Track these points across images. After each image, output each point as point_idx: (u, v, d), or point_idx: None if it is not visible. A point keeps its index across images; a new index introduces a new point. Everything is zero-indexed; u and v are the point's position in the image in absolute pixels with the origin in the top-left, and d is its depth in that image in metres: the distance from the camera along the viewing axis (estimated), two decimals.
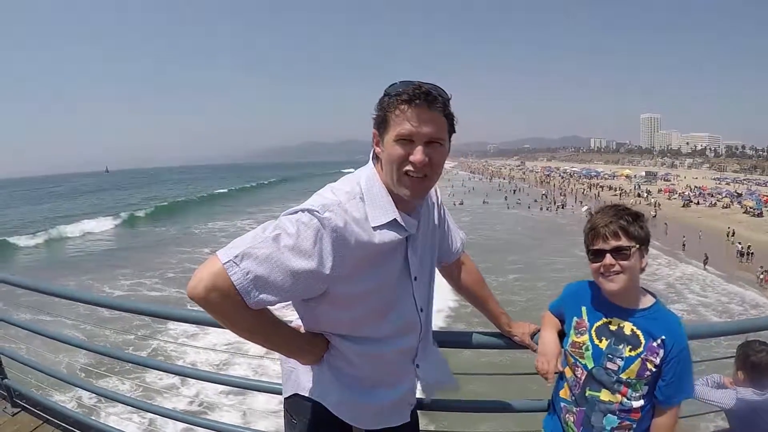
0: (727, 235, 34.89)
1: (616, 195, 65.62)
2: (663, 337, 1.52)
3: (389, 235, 1.32)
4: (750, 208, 46.93)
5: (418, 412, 1.75)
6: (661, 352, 1.52)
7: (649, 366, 1.52)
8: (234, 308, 1.18)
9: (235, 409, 9.56)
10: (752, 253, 29.00)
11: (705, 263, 27.07)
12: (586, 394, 1.60)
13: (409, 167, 1.27)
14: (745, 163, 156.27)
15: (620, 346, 1.55)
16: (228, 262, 1.15)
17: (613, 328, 1.58)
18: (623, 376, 1.54)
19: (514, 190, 74.82)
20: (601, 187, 78.00)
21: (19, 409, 3.11)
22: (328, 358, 1.45)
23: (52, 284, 2.88)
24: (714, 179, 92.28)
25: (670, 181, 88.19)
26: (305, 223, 1.21)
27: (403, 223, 1.34)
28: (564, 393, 1.69)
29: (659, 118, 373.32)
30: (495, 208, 52.37)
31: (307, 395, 1.48)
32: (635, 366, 1.53)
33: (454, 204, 53.27)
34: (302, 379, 1.49)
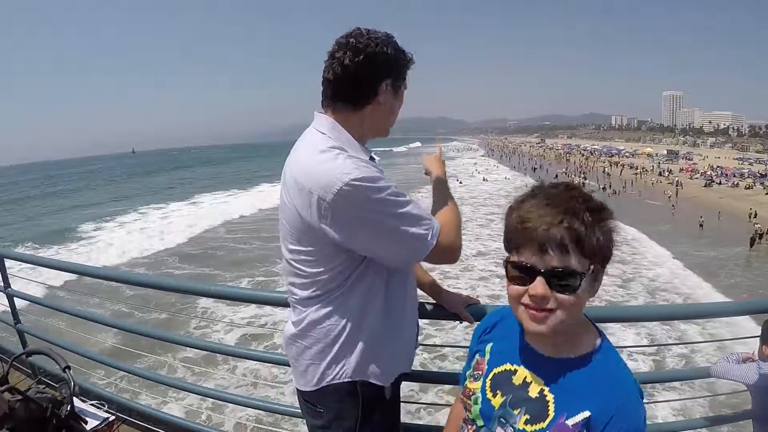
0: (749, 216, 34.06)
1: (636, 173, 64.51)
2: (587, 413, 0.90)
3: None
4: None
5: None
6: None
7: None
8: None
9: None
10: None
11: (752, 244, 26.13)
12: None
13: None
14: None
15: (516, 412, 0.98)
16: (424, 238, 1.31)
17: (515, 381, 1.01)
18: None
19: (535, 168, 72.50)
20: (622, 165, 76.56)
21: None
22: (357, 322, 1.38)
23: (61, 260, 2.85)
24: (737, 159, 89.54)
25: (692, 160, 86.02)
26: (363, 182, 1.23)
27: (376, 159, 1.40)
28: None
29: (681, 95, 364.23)
30: (512, 186, 51.66)
31: (347, 380, 1.39)
32: None
33: (459, 183, 52.92)
34: (325, 370, 1.40)
